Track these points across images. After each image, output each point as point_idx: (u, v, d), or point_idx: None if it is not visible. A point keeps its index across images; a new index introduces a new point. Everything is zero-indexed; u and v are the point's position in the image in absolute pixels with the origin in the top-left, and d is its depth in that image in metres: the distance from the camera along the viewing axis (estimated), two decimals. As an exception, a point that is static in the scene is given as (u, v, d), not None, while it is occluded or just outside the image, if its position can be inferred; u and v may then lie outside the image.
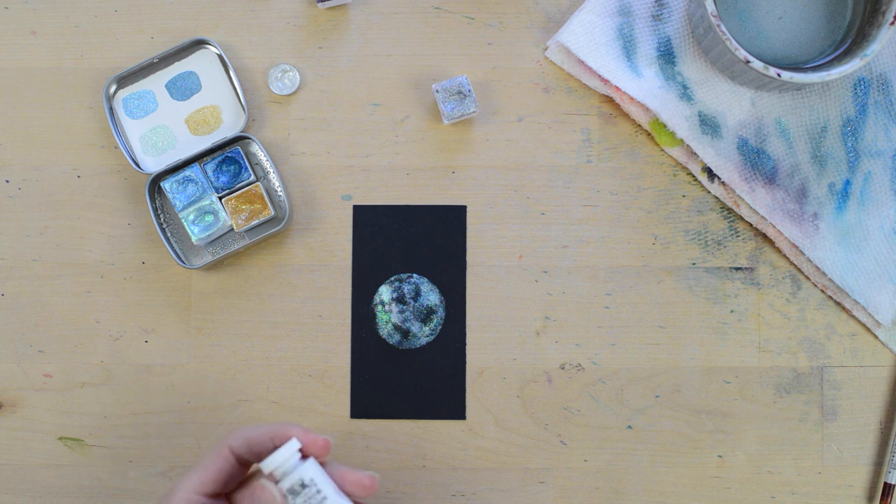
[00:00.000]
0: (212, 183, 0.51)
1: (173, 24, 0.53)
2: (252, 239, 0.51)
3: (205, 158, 0.51)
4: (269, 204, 0.51)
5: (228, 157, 0.51)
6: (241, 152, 0.51)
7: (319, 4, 0.52)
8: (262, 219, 0.51)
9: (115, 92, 0.52)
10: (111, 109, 0.52)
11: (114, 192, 0.52)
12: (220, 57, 0.52)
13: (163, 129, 0.52)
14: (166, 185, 0.51)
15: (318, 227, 0.52)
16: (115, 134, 0.51)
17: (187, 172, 0.51)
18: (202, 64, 0.52)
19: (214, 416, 0.51)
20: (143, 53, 0.53)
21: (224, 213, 0.51)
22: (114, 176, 0.52)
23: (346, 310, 0.52)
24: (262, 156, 0.52)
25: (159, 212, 0.52)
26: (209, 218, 0.51)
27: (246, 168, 0.51)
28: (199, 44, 0.52)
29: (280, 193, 0.51)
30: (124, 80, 0.52)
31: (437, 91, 0.50)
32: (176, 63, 0.52)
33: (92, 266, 0.52)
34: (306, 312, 0.52)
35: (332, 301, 0.52)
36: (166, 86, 0.52)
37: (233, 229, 0.51)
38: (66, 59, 0.53)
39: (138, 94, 0.52)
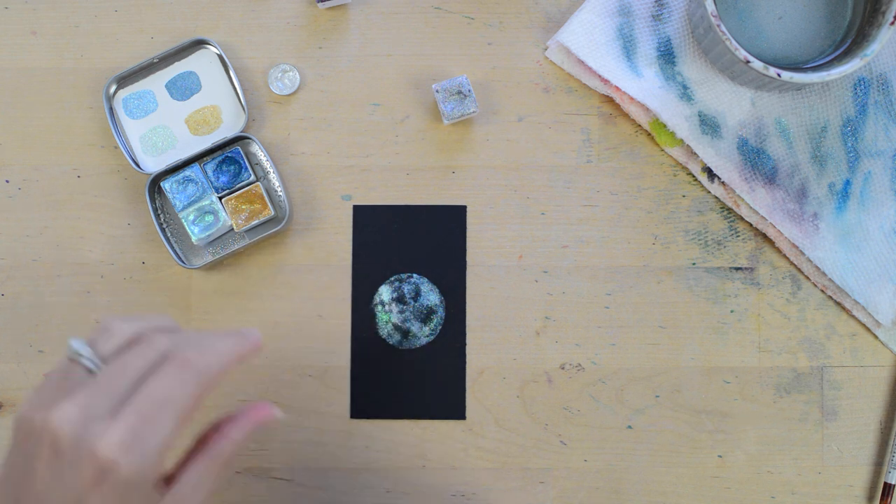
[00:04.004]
0: (212, 183, 0.51)
1: (173, 24, 0.53)
2: (252, 239, 0.51)
3: (205, 158, 0.51)
4: (269, 204, 0.51)
5: (228, 157, 0.51)
6: (241, 152, 0.51)
7: (319, 4, 0.52)
8: (262, 219, 0.51)
9: (115, 92, 0.52)
10: (111, 109, 0.52)
11: (114, 192, 0.52)
12: (220, 57, 0.52)
13: (163, 129, 0.52)
14: (166, 185, 0.51)
15: (318, 227, 0.52)
16: (115, 134, 0.51)
17: (187, 172, 0.51)
18: (202, 64, 0.52)
19: (214, 416, 0.51)
20: (143, 53, 0.53)
21: (224, 213, 0.51)
22: (114, 176, 0.52)
23: (346, 310, 0.52)
24: (261, 156, 0.52)
25: (159, 212, 0.51)
26: (209, 218, 0.51)
27: (246, 168, 0.51)
28: (198, 44, 0.52)
29: (280, 193, 0.51)
30: (124, 80, 0.52)
31: (437, 91, 0.50)
32: (176, 63, 0.52)
33: (92, 266, 0.52)
34: (306, 312, 0.52)
35: (332, 301, 0.52)
36: (166, 86, 0.52)
37: (233, 229, 0.51)
38: (66, 59, 0.53)
39: (138, 94, 0.52)
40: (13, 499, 0.35)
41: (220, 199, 0.51)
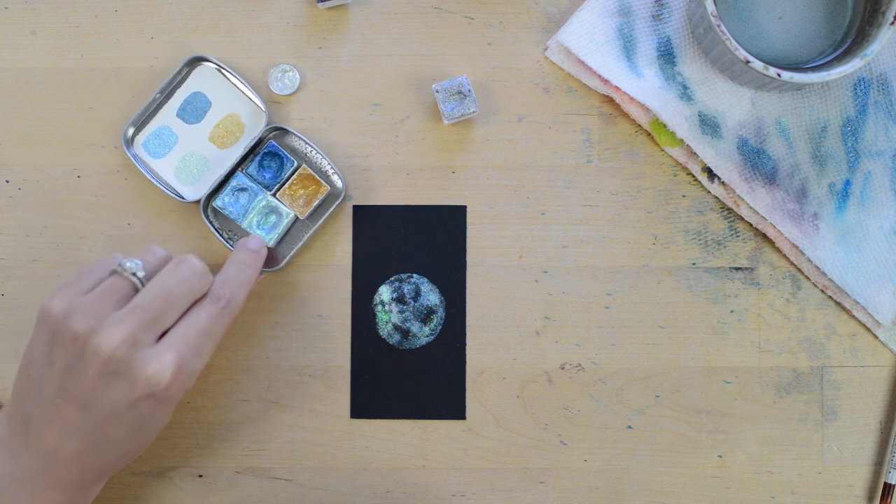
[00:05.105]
0: (260, 183, 0.51)
1: (173, 24, 0.53)
2: (319, 221, 0.51)
3: (243, 164, 0.51)
4: (321, 181, 0.51)
5: (266, 154, 0.51)
6: (276, 144, 0.51)
7: (319, 4, 0.52)
8: (320, 198, 0.51)
9: (133, 137, 0.52)
10: (136, 157, 0.51)
11: (114, 192, 0.52)
12: (218, 67, 0.52)
13: (192, 156, 0.52)
14: (219, 202, 0.51)
15: (318, 227, 0.52)
16: (150, 178, 0.51)
17: (233, 183, 0.51)
18: (203, 80, 0.52)
19: (214, 416, 0.51)
20: (143, 54, 0.53)
21: (284, 207, 0.51)
22: (114, 176, 0.52)
23: (346, 310, 0.52)
24: (295, 141, 0.51)
25: (221, 231, 0.51)
26: (272, 218, 0.51)
27: (286, 157, 0.51)
28: (192, 63, 0.52)
29: (327, 168, 0.51)
30: (136, 123, 0.52)
31: (437, 91, 0.50)
32: (178, 90, 0.52)
33: (92, 266, 0.52)
34: (306, 312, 0.52)
35: (332, 301, 0.52)
36: (178, 115, 0.52)
37: (297, 219, 0.51)
38: (66, 59, 0.53)
39: (155, 133, 0.52)
40: (62, 391, 0.41)
41: (274, 195, 0.51)
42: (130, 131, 0.51)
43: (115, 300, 0.42)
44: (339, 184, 0.51)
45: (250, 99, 0.52)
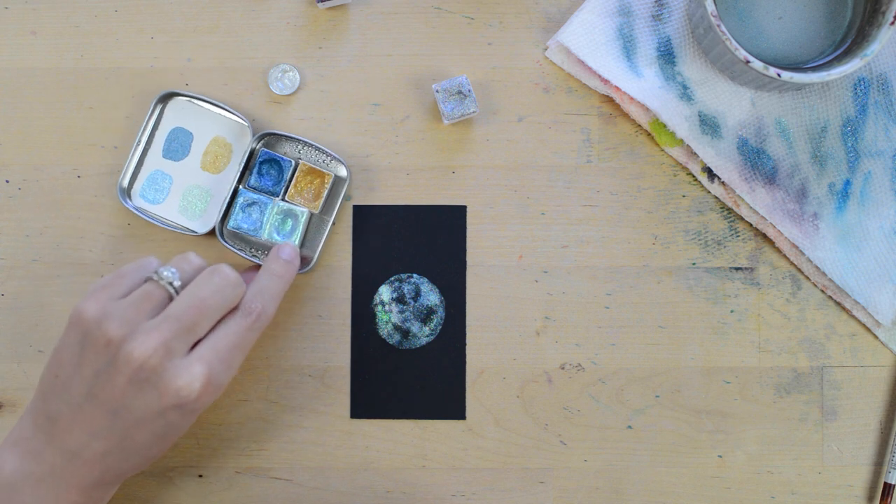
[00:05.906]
0: (265, 192, 0.51)
1: (173, 24, 0.53)
2: (334, 211, 0.51)
3: (244, 179, 0.51)
4: (324, 170, 0.51)
5: (262, 163, 0.51)
6: (269, 150, 0.51)
7: (319, 4, 0.52)
8: (328, 186, 0.51)
9: (130, 187, 0.52)
10: (138, 209, 0.51)
11: (114, 192, 0.52)
12: (190, 98, 0.52)
13: (190, 191, 0.52)
14: (232, 224, 0.50)
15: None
16: (158, 224, 0.51)
17: (240, 201, 0.51)
18: (178, 113, 0.52)
19: (214, 416, 0.51)
20: (143, 54, 0.53)
21: (297, 207, 0.51)
22: (114, 176, 0.52)
23: (346, 310, 0.52)
24: (286, 143, 0.51)
25: (243, 249, 0.51)
26: (289, 222, 0.51)
27: (283, 159, 0.51)
28: (163, 100, 0.52)
29: (324, 157, 0.51)
30: (126, 174, 0.52)
31: (437, 91, 0.50)
32: (157, 131, 0.52)
33: (92, 266, 0.52)
34: (306, 312, 0.52)
35: (332, 301, 0.52)
36: (164, 156, 0.52)
37: (313, 216, 0.51)
38: (66, 59, 0.53)
39: (149, 179, 0.52)
40: (91, 395, 0.41)
41: (283, 198, 0.51)
42: (125, 182, 0.51)
43: (149, 308, 0.42)
44: (341, 167, 0.51)
45: (229, 117, 0.52)
